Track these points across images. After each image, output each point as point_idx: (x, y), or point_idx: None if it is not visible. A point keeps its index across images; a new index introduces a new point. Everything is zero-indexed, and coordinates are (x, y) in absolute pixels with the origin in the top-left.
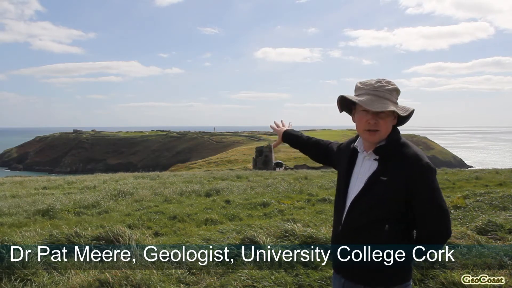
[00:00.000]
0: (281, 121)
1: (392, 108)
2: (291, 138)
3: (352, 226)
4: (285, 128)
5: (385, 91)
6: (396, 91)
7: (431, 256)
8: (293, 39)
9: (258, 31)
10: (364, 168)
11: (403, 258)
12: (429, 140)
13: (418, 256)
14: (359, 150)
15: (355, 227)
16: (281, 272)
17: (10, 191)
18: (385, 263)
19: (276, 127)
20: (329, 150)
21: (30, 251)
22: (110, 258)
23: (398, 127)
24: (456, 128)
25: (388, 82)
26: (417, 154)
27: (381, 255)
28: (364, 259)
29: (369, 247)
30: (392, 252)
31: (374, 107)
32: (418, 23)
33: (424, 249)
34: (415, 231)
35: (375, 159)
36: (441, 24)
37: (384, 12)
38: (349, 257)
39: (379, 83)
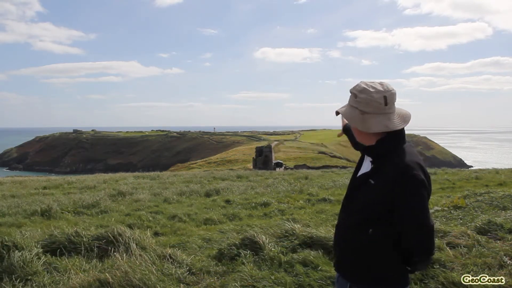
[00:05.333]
0: None
1: (340, 110)
2: (348, 132)
3: (343, 223)
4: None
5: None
6: (352, 94)
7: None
8: (292, 40)
9: (258, 32)
10: (364, 168)
11: (388, 265)
12: (429, 140)
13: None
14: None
15: (345, 226)
16: (281, 272)
17: (10, 191)
18: (369, 265)
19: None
20: None
21: (30, 251)
22: (110, 258)
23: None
24: (454, 128)
25: (356, 84)
26: (406, 164)
27: (366, 257)
28: (351, 258)
29: (355, 247)
30: (376, 256)
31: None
32: (416, 24)
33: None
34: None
35: (370, 161)
36: (439, 25)
37: (382, 12)
38: (340, 253)
39: None
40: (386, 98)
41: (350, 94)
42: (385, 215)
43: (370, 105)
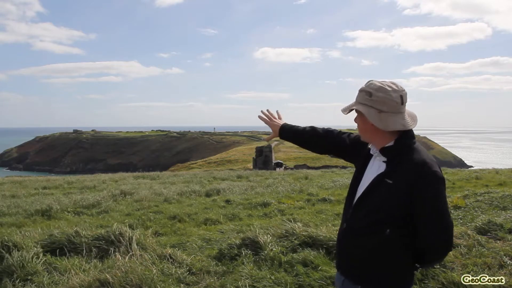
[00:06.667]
0: (267, 110)
1: (351, 107)
2: (290, 135)
3: (354, 225)
4: (280, 123)
5: (357, 93)
6: (364, 92)
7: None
8: (292, 40)
9: (258, 32)
10: (374, 168)
11: (401, 265)
12: (429, 140)
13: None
14: (371, 152)
15: (357, 227)
16: (281, 272)
17: (10, 191)
18: (382, 266)
19: (267, 119)
20: (340, 142)
21: (30, 251)
22: (110, 258)
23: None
24: (454, 128)
25: (366, 83)
26: (426, 161)
27: (379, 258)
28: (362, 260)
29: (368, 248)
30: (390, 256)
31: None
32: (416, 24)
33: (419, 264)
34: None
35: (384, 161)
36: (438, 25)
37: (382, 13)
38: (348, 256)
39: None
40: (402, 97)
41: (360, 92)
42: (402, 214)
43: (387, 104)
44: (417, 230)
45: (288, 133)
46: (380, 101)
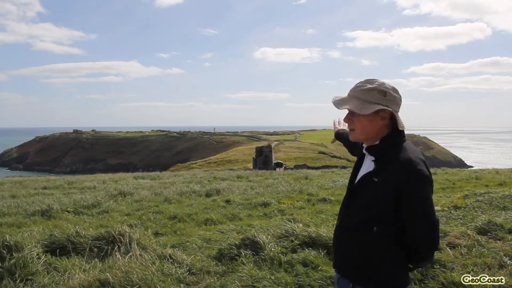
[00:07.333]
0: (339, 118)
1: (348, 106)
2: (339, 138)
3: (345, 223)
4: (338, 127)
5: (359, 91)
6: (376, 91)
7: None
8: (292, 40)
9: (257, 32)
10: (365, 167)
11: (395, 263)
12: (429, 140)
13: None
14: (363, 151)
15: (348, 225)
16: (281, 272)
17: (10, 191)
18: (375, 264)
19: (335, 124)
20: (355, 142)
21: (30, 251)
22: (111, 258)
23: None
24: (454, 128)
25: (368, 82)
26: (410, 160)
27: (372, 256)
28: (353, 257)
29: (360, 246)
30: (383, 255)
31: (337, 104)
32: (415, 24)
33: (409, 264)
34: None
35: (373, 160)
36: (438, 25)
37: (382, 13)
38: (343, 253)
39: (358, 84)
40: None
41: (370, 91)
42: (389, 213)
43: (397, 104)
44: (404, 228)
45: (338, 136)
46: (393, 101)
